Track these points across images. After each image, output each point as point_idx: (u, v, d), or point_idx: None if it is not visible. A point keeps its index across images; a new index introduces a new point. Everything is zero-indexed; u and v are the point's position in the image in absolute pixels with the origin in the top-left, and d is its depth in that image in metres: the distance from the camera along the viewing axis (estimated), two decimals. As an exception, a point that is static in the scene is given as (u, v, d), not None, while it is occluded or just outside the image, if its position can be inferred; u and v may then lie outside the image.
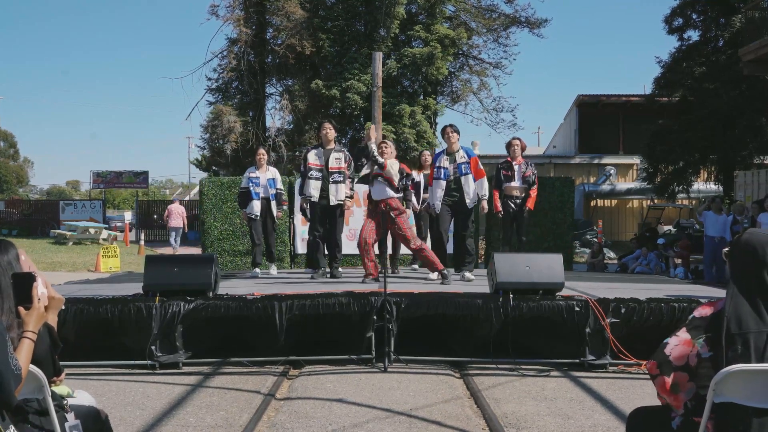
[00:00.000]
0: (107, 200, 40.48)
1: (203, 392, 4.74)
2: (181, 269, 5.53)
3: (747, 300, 2.12)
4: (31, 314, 2.19)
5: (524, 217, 8.03)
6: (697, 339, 2.17)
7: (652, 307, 5.39)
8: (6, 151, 49.64)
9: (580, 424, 3.98)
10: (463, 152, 7.40)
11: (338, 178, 7.28)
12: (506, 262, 5.49)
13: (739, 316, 2.09)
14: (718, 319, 2.16)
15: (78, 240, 22.36)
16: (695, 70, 18.43)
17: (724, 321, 2.10)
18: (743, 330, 2.07)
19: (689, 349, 2.18)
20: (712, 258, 11.78)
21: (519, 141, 8.13)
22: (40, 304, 2.22)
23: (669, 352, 2.21)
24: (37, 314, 2.21)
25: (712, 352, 2.14)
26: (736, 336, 2.07)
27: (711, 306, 2.23)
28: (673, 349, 2.20)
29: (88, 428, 2.41)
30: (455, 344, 6.08)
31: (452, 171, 7.32)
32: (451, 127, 7.54)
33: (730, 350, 2.07)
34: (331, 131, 7.43)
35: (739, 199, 14.55)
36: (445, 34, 20.50)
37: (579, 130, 27.21)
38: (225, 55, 21.67)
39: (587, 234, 20.81)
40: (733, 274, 2.22)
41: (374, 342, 5.43)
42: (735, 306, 2.12)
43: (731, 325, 2.09)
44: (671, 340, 2.23)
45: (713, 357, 2.13)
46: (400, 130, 19.37)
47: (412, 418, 4.09)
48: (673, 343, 2.22)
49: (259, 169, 8.28)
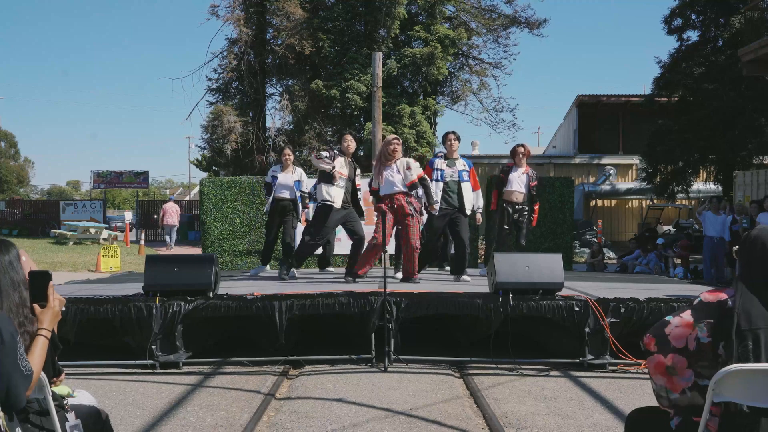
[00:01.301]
0: (108, 200, 40.47)
1: (203, 392, 4.75)
2: (181, 269, 5.53)
3: (757, 296, 2.13)
4: (46, 312, 2.21)
5: (525, 226, 8.01)
6: (699, 323, 2.17)
7: (652, 307, 5.40)
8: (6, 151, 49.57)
9: (579, 424, 3.99)
10: (463, 161, 7.51)
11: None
12: (506, 262, 5.49)
13: (749, 312, 2.10)
14: (722, 307, 2.16)
15: (78, 240, 22.35)
16: (695, 71, 18.44)
17: (735, 317, 2.10)
18: (753, 326, 2.08)
19: (689, 332, 2.17)
20: (712, 258, 11.78)
21: (524, 148, 8.13)
22: (55, 302, 2.24)
23: (669, 332, 2.20)
24: (53, 313, 2.23)
25: (711, 338, 2.14)
26: (747, 332, 2.08)
27: (718, 293, 2.22)
28: (674, 330, 2.19)
29: (88, 428, 2.41)
30: (455, 344, 6.10)
31: (449, 175, 7.36)
32: (454, 134, 7.61)
33: (740, 346, 2.07)
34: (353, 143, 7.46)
35: (738, 199, 14.56)
36: (445, 34, 20.50)
37: (579, 131, 27.21)
38: (225, 55, 21.66)
39: (587, 234, 20.80)
40: (742, 271, 2.23)
41: (374, 342, 5.44)
42: (744, 302, 2.12)
43: (741, 321, 2.09)
44: (673, 320, 2.22)
45: (711, 344, 2.13)
46: (400, 130, 19.36)
47: (412, 418, 4.10)
48: (674, 323, 2.21)
49: (284, 170, 8.20)
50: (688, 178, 19.57)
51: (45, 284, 2.23)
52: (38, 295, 2.22)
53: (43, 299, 2.22)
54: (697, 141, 17.98)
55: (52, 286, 2.24)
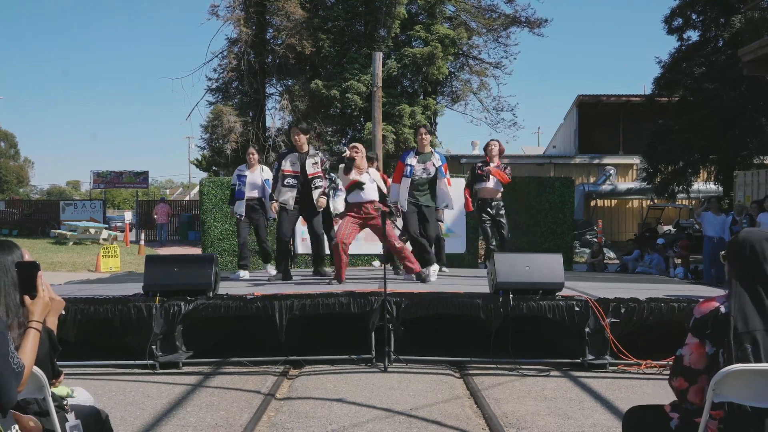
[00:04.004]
0: (107, 200, 40.45)
1: (203, 392, 4.75)
2: (181, 269, 5.53)
3: (750, 298, 2.13)
4: (36, 303, 2.16)
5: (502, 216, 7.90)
6: (703, 339, 2.20)
7: (652, 307, 5.39)
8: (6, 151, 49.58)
9: (579, 424, 3.99)
10: (437, 156, 7.39)
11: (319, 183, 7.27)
12: (506, 262, 5.49)
13: (745, 314, 2.10)
14: (715, 317, 2.17)
15: (78, 240, 22.35)
16: (695, 71, 18.44)
17: (731, 320, 2.10)
18: (750, 328, 2.08)
19: (703, 351, 2.21)
20: (712, 258, 11.77)
21: (497, 143, 8.06)
22: (45, 293, 2.19)
23: (688, 363, 2.23)
24: (43, 303, 2.18)
25: (715, 347, 2.15)
26: (744, 334, 2.08)
27: (707, 303, 2.24)
28: (690, 358, 2.23)
29: (88, 428, 2.41)
30: (455, 344, 6.10)
31: (421, 171, 7.27)
32: (425, 128, 7.56)
33: (738, 349, 2.08)
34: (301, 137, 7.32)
35: (738, 199, 14.55)
36: (445, 34, 20.49)
37: (579, 130, 27.20)
38: (225, 55, 21.65)
39: (587, 234, 20.79)
40: (733, 274, 2.23)
41: (374, 342, 5.44)
42: (740, 305, 2.12)
43: (738, 324, 2.09)
44: (684, 350, 2.25)
45: (715, 353, 2.15)
46: (400, 130, 19.36)
47: (412, 418, 4.10)
48: (687, 352, 2.24)
49: (251, 169, 8.17)
50: (689, 178, 19.57)
51: (33, 275, 2.17)
52: (27, 285, 2.16)
53: (33, 290, 2.16)
54: (697, 141, 17.98)
55: (41, 276, 2.18)
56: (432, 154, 7.39)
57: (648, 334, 5.55)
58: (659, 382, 4.82)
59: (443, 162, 7.35)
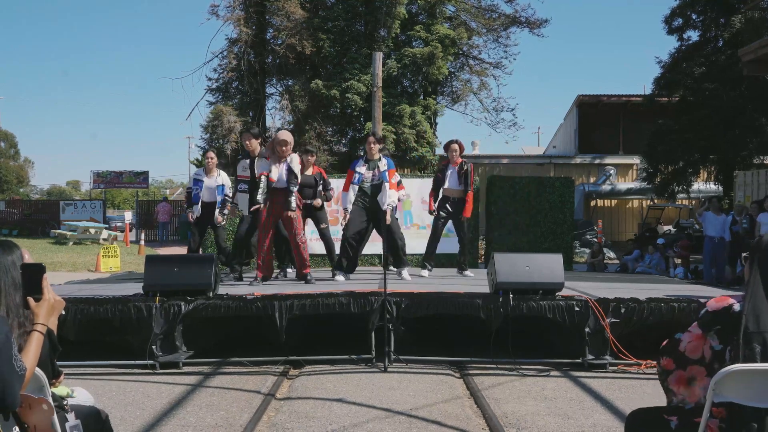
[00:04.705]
0: (107, 200, 40.46)
1: (203, 392, 4.75)
2: (181, 269, 5.53)
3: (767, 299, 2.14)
4: (41, 306, 2.15)
5: (461, 221, 8.01)
6: (709, 332, 2.20)
7: (652, 307, 5.40)
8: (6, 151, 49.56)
9: (579, 424, 3.99)
10: (385, 162, 7.53)
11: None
12: (506, 262, 5.49)
13: (758, 315, 2.10)
14: (728, 313, 2.17)
15: (78, 240, 22.35)
16: (695, 71, 18.44)
17: (743, 319, 2.11)
18: (762, 329, 2.09)
19: (702, 343, 2.22)
20: (712, 258, 11.78)
21: (457, 144, 8.13)
22: (50, 295, 2.17)
23: (683, 348, 2.25)
24: (48, 306, 2.16)
25: (722, 344, 2.16)
26: (754, 334, 2.08)
27: (725, 299, 2.24)
28: (687, 345, 2.24)
29: (88, 428, 2.41)
30: (455, 344, 6.10)
31: (369, 178, 7.46)
32: (374, 136, 7.76)
33: (747, 348, 2.08)
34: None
35: (738, 199, 14.55)
36: (445, 34, 20.49)
37: (579, 130, 27.20)
38: (225, 55, 21.65)
39: (587, 234, 20.80)
40: (753, 275, 2.23)
41: (374, 342, 5.44)
42: (754, 305, 2.13)
43: (749, 323, 2.10)
44: (684, 337, 2.26)
45: (722, 350, 2.15)
46: (400, 130, 19.36)
47: (412, 418, 4.10)
48: (686, 340, 2.25)
49: (208, 174, 8.20)
50: (689, 178, 19.56)
51: (39, 277, 2.15)
52: (32, 288, 2.14)
53: (38, 292, 2.14)
54: (697, 141, 17.98)
55: (46, 278, 2.17)
56: (380, 159, 7.56)
57: (648, 334, 5.54)
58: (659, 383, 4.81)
59: (390, 167, 7.53)
